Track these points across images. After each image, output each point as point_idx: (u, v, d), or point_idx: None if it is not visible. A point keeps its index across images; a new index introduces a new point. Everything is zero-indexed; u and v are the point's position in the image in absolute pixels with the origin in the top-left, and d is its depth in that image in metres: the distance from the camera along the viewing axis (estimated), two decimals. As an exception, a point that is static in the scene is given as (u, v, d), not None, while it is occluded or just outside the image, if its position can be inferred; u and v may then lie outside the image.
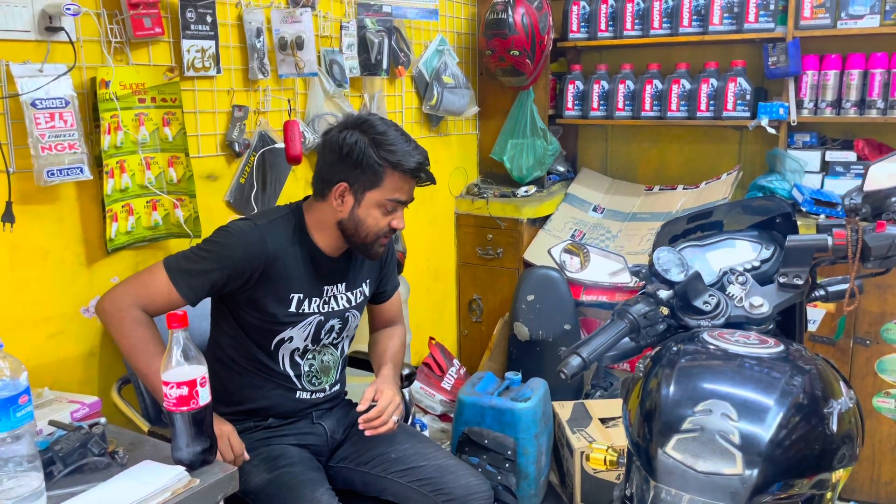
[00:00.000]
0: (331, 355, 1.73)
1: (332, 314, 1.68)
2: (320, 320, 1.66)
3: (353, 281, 1.72)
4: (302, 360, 1.68)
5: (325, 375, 1.73)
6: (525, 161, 3.06)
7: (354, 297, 1.73)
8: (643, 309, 1.28)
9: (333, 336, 1.72)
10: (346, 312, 1.71)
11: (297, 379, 1.68)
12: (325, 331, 1.68)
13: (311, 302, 1.64)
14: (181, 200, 1.84)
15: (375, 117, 1.62)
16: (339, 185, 1.58)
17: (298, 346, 1.65)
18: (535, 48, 2.83)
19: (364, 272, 1.76)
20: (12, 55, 1.51)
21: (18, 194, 1.54)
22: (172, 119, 1.80)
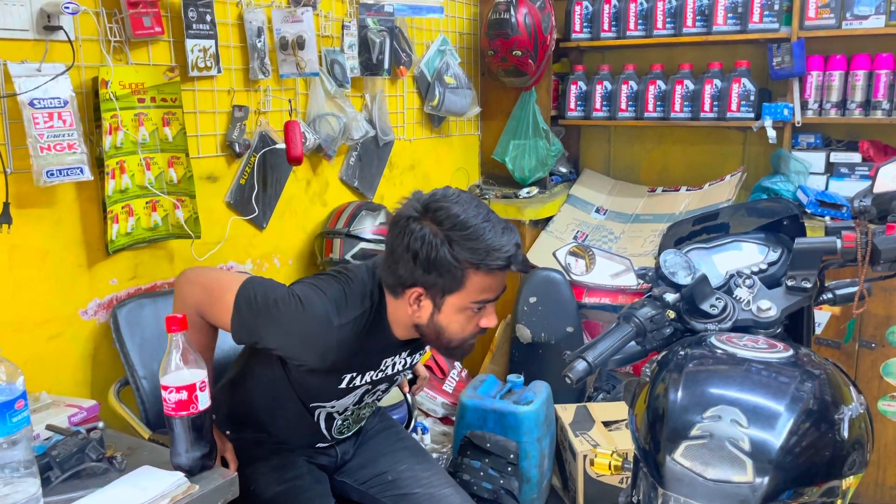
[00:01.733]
0: (368, 409, 1.62)
1: (383, 380, 1.54)
2: (368, 389, 1.52)
3: (418, 345, 1.53)
4: (339, 417, 1.56)
5: (357, 424, 1.64)
6: (527, 162, 3.05)
7: (412, 360, 1.57)
8: (650, 312, 1.26)
9: (378, 396, 1.59)
10: (398, 375, 1.57)
11: (326, 431, 1.57)
12: (370, 394, 1.56)
13: (364, 376, 1.48)
14: (181, 201, 1.82)
15: (451, 196, 1.32)
16: (413, 289, 1.33)
17: (339, 409, 1.54)
18: (537, 48, 2.81)
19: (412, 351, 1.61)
20: (10, 54, 1.50)
21: (16, 195, 1.53)
22: (172, 119, 1.79)
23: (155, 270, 1.85)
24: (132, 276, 1.80)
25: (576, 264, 1.41)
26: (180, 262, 1.91)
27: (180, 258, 1.91)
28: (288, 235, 2.27)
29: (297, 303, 1.35)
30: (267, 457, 1.55)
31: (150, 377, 1.68)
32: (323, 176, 2.38)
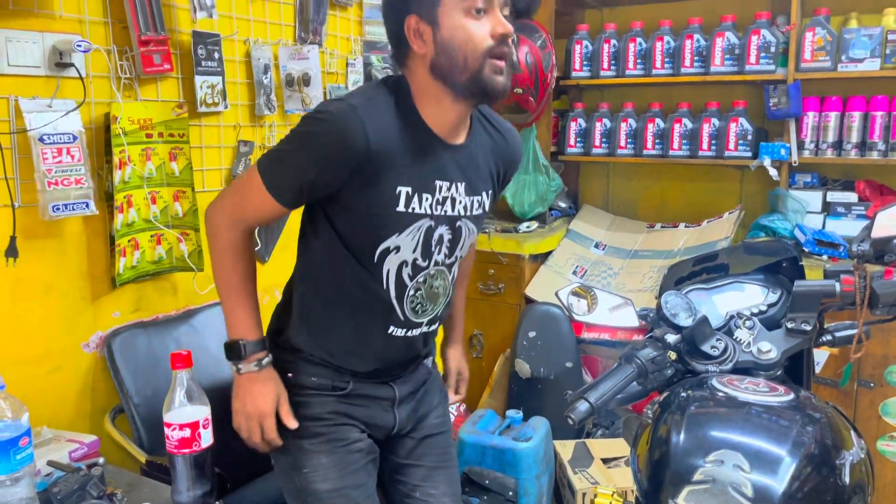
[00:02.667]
0: (442, 280, 1.41)
1: (443, 219, 1.35)
2: (430, 226, 1.34)
3: (473, 183, 1.38)
4: (411, 282, 1.36)
5: (432, 303, 1.42)
6: (527, 197, 3.07)
7: (471, 205, 1.39)
8: (651, 354, 1.27)
9: (444, 251, 1.39)
10: (458, 221, 1.37)
11: (397, 302, 1.36)
12: (434, 241, 1.36)
13: (423, 200, 1.31)
14: (185, 234, 1.84)
15: None
16: (408, 21, 1.26)
17: (407, 259, 1.34)
18: (538, 86, 2.85)
19: (485, 176, 1.43)
20: (21, 90, 1.52)
21: (22, 228, 1.54)
22: (179, 154, 1.81)
23: (157, 303, 1.86)
24: (135, 308, 1.81)
25: (578, 304, 1.42)
26: (182, 295, 1.92)
27: (182, 291, 1.92)
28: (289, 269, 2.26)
29: (308, 119, 1.27)
30: (321, 434, 1.39)
31: (144, 403, 1.68)
32: (325, 209, 2.40)
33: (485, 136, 1.42)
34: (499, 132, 1.46)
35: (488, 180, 1.43)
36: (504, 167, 1.48)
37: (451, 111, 1.30)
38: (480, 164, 1.40)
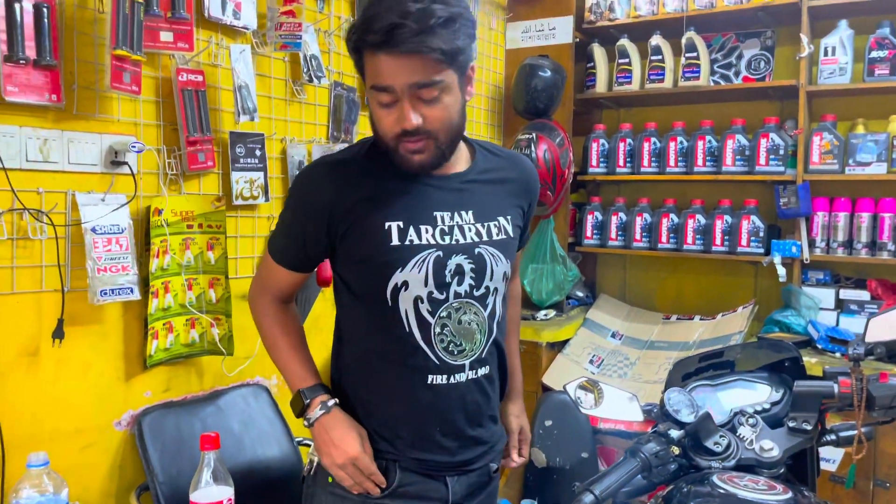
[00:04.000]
0: (474, 315, 1.33)
1: (456, 248, 1.30)
2: (438, 256, 1.29)
3: (484, 209, 1.35)
4: (433, 318, 1.30)
5: (468, 341, 1.33)
6: (545, 285, 3.16)
7: (487, 231, 1.35)
8: (654, 448, 1.32)
9: (469, 282, 1.32)
10: (475, 248, 1.32)
11: (425, 343, 1.30)
12: (450, 272, 1.30)
13: (421, 231, 1.29)
14: (217, 320, 1.94)
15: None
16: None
17: (420, 295, 1.28)
18: (555, 181, 2.99)
19: (499, 201, 1.38)
20: (79, 185, 1.67)
21: (70, 312, 1.66)
22: (216, 244, 1.94)
23: (187, 384, 1.95)
24: (165, 388, 1.90)
25: (585, 398, 1.49)
26: (209, 377, 2.01)
27: (210, 373, 2.01)
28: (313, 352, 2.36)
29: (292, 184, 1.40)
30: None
31: (169, 482, 1.74)
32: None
33: (490, 162, 1.40)
34: (503, 158, 1.44)
35: (505, 205, 1.39)
36: (523, 189, 1.44)
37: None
38: (490, 189, 1.37)
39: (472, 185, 1.35)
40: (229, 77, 1.99)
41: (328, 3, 2.34)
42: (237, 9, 1.98)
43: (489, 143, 1.45)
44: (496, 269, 1.35)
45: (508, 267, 1.39)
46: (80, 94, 1.65)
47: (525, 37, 3.22)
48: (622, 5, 3.12)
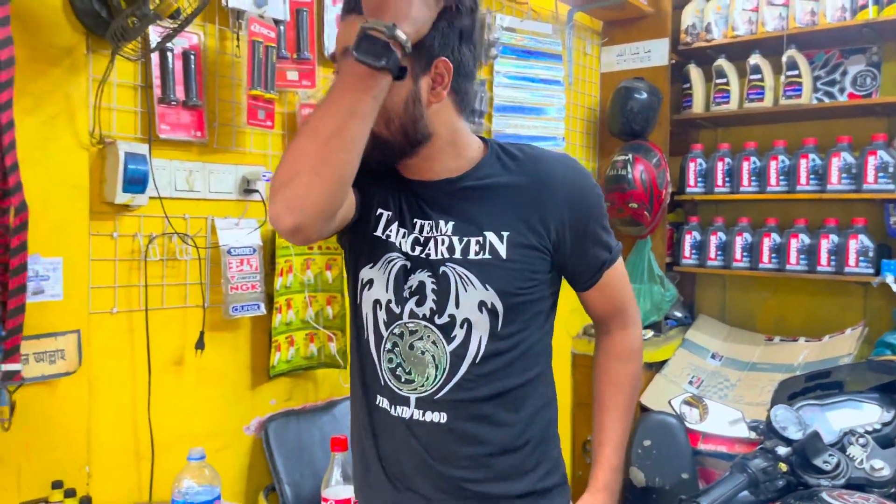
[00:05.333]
0: (432, 344, 1.12)
1: (422, 263, 1.13)
2: (403, 266, 1.13)
3: (469, 222, 1.13)
4: (386, 330, 1.14)
5: (418, 374, 1.13)
6: (642, 305, 3.17)
7: (462, 247, 1.12)
8: (762, 464, 1.35)
9: (430, 305, 1.12)
10: (441, 266, 1.12)
11: (376, 352, 1.16)
12: (409, 287, 1.12)
13: (400, 233, 1.15)
14: (334, 335, 2.09)
15: None
16: None
17: (380, 299, 1.14)
18: (652, 201, 3.02)
19: (495, 215, 1.13)
20: (217, 212, 1.86)
21: (209, 325, 1.84)
22: (333, 264, 2.10)
23: (306, 394, 2.11)
24: (288, 398, 2.06)
25: (690, 413, 1.53)
26: (326, 388, 2.16)
27: (327, 384, 2.16)
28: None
29: None
30: None
31: (293, 484, 1.90)
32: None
33: (496, 166, 1.16)
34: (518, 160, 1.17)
35: (503, 218, 1.13)
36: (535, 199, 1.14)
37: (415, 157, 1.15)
38: (483, 197, 1.14)
39: (462, 192, 1.14)
40: (345, 110, 2.15)
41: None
42: (352, 47, 2.15)
43: (516, 144, 1.20)
44: (463, 295, 1.11)
45: (494, 297, 1.10)
46: (219, 129, 1.85)
47: (620, 60, 3.28)
48: (719, 26, 3.13)
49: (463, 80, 1.12)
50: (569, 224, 1.14)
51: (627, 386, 1.26)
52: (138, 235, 1.70)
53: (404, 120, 1.09)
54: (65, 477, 1.52)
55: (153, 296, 1.74)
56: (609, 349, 1.28)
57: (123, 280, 1.68)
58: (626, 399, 1.25)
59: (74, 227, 1.56)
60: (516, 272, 1.12)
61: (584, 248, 1.17)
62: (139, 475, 1.72)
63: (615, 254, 1.22)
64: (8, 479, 1.48)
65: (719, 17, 3.12)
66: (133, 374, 1.71)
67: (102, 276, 1.64)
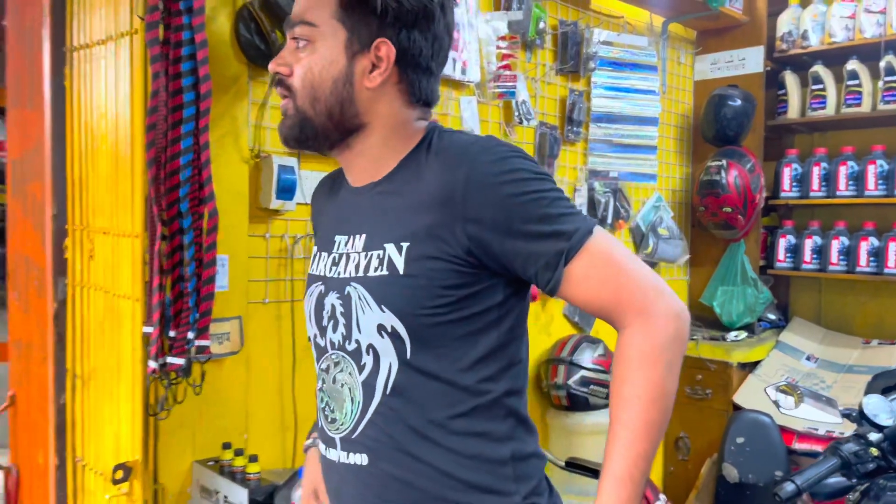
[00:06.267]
0: (348, 375, 1.01)
1: (334, 283, 1.02)
2: (321, 292, 1.05)
3: (376, 234, 1.00)
4: (318, 367, 1.07)
5: (339, 409, 1.02)
6: (735, 307, 3.25)
7: (366, 264, 0.99)
8: (853, 448, 1.47)
9: (340, 331, 1.01)
10: (346, 285, 1.00)
11: (318, 400, 1.08)
12: (326, 313, 1.03)
13: (321, 259, 1.07)
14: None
15: None
16: None
17: (310, 335, 1.09)
18: (746, 206, 3.09)
19: (395, 219, 0.99)
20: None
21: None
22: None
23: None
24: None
25: (785, 400, 1.65)
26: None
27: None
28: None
29: None
30: None
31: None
32: (549, 311, 2.79)
33: (414, 162, 1.01)
34: (439, 154, 0.99)
35: (403, 225, 0.98)
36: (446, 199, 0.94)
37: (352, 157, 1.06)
38: (392, 203, 1.00)
39: (377, 198, 1.02)
40: (458, 123, 2.37)
41: (535, 54, 2.67)
42: (464, 66, 2.37)
43: (448, 133, 1.03)
44: (361, 317, 0.98)
45: (392, 319, 0.95)
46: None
47: (714, 68, 3.37)
48: (816, 33, 3.17)
49: (413, 69, 1.00)
50: (487, 223, 0.93)
51: (634, 399, 0.92)
52: (286, 236, 1.96)
53: (330, 100, 0.99)
54: (229, 441, 1.79)
55: (297, 289, 1.99)
56: (617, 352, 0.96)
57: (273, 275, 1.94)
58: (634, 416, 0.92)
59: (238, 229, 1.83)
60: (419, 289, 0.94)
61: (518, 246, 0.93)
62: (284, 444, 1.97)
63: (578, 237, 0.93)
64: (185, 441, 1.76)
65: (815, 24, 3.17)
66: (280, 356, 1.97)
67: (257, 271, 1.91)
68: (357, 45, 0.98)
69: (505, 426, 1.00)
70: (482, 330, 0.97)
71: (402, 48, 0.99)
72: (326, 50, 0.99)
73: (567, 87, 2.82)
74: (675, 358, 0.94)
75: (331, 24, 0.98)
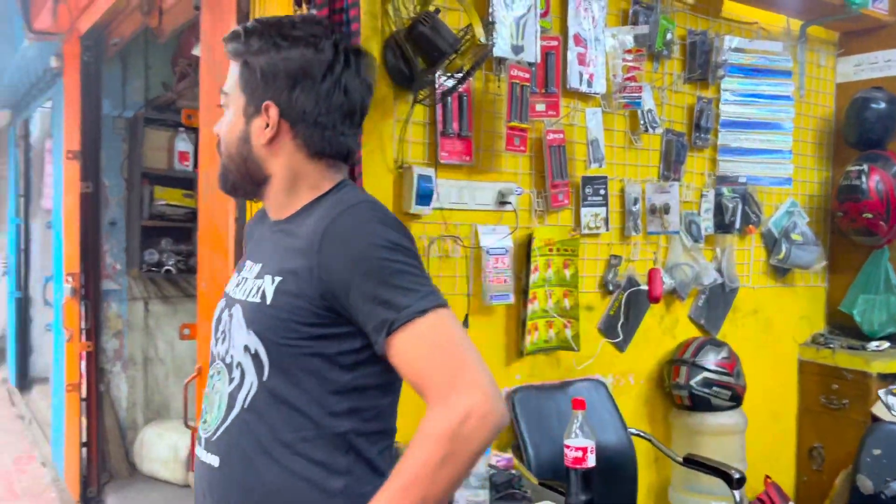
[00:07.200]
0: (221, 383, 1.15)
1: (229, 301, 1.19)
2: (222, 306, 1.21)
3: (267, 265, 1.15)
4: (210, 372, 1.22)
5: (209, 413, 1.16)
6: (877, 316, 3.14)
7: (250, 289, 1.14)
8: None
9: (224, 344, 1.16)
10: (234, 305, 1.16)
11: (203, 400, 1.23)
12: (220, 326, 1.20)
13: (233, 278, 1.23)
14: (569, 322, 2.47)
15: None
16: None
17: (211, 344, 1.24)
18: (889, 212, 2.99)
19: (279, 256, 1.14)
20: (479, 220, 2.32)
21: (472, 310, 2.31)
22: (570, 264, 2.47)
23: (544, 372, 2.50)
24: (530, 374, 2.47)
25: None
26: (561, 370, 2.54)
27: (563, 366, 2.54)
28: (642, 359, 2.78)
29: None
30: None
31: (534, 444, 2.28)
32: (674, 313, 2.87)
33: (305, 216, 1.16)
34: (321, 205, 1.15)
35: (282, 263, 1.12)
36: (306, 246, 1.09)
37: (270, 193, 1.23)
38: (280, 240, 1.16)
39: (276, 234, 1.19)
40: (583, 133, 2.52)
41: (662, 64, 2.76)
42: (590, 79, 2.52)
43: (345, 190, 1.18)
44: (237, 336, 1.12)
45: (256, 341, 1.09)
46: (483, 154, 2.31)
47: (858, 70, 3.27)
48: (972, 29, 3.01)
49: (302, 125, 1.14)
50: (335, 276, 1.05)
51: (404, 470, 0.99)
52: (423, 237, 2.21)
53: (235, 156, 1.18)
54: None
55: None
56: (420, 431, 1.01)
57: (412, 271, 2.20)
58: (395, 485, 0.99)
59: (382, 230, 2.10)
60: (280, 320, 1.08)
61: (358, 304, 1.04)
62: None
63: (406, 313, 1.01)
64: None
65: (971, 20, 3.01)
66: (417, 344, 2.22)
67: (398, 267, 2.17)
68: (252, 109, 1.15)
69: (344, 461, 1.08)
70: (333, 370, 1.08)
71: (286, 107, 1.13)
72: (232, 114, 1.18)
73: (695, 94, 2.88)
74: (458, 455, 0.97)
75: (236, 92, 1.17)
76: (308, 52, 1.13)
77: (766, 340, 3.14)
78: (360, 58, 1.19)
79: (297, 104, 1.13)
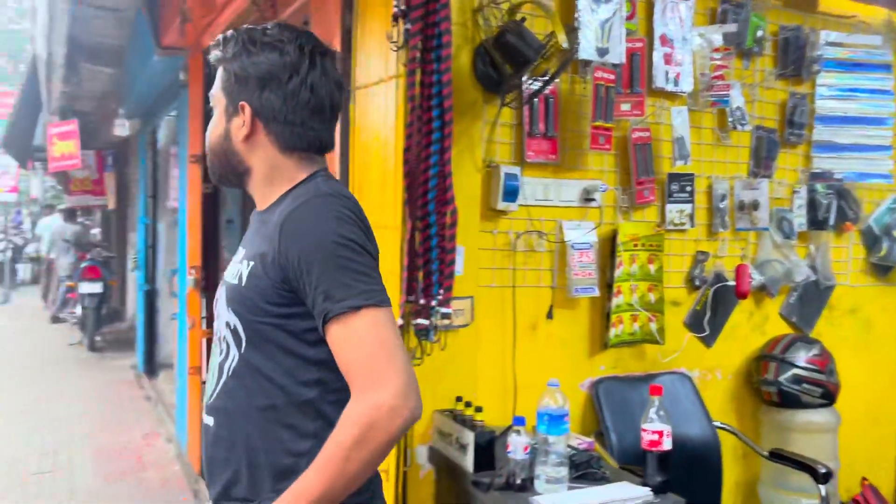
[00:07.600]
0: (218, 354, 1.32)
1: (223, 283, 1.35)
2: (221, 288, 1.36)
3: (248, 249, 1.31)
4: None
5: (209, 382, 1.34)
6: None
7: (234, 271, 1.31)
8: None
9: (217, 321, 1.35)
10: (222, 287, 1.34)
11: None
12: (217, 304, 1.36)
13: (231, 263, 1.36)
14: (654, 316, 2.53)
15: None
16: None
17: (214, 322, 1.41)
18: None
19: (257, 243, 1.29)
20: (564, 216, 2.43)
21: (556, 301, 2.42)
22: (655, 259, 2.54)
23: (628, 364, 2.58)
24: (614, 366, 2.55)
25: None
26: (646, 362, 2.60)
27: (647, 359, 2.61)
28: (729, 355, 2.80)
29: None
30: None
31: (617, 433, 2.38)
32: (764, 310, 2.86)
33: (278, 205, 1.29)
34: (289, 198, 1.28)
35: (256, 249, 1.27)
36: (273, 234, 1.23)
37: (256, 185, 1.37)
38: (257, 233, 1.31)
39: (259, 222, 1.33)
40: (669, 131, 2.58)
41: (753, 61, 2.77)
42: (676, 78, 2.57)
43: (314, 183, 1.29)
44: (222, 314, 1.31)
45: (235, 320, 1.26)
46: (568, 153, 2.42)
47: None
48: None
49: (272, 122, 1.28)
50: (291, 261, 1.18)
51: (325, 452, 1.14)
52: (510, 232, 2.34)
53: (218, 151, 1.34)
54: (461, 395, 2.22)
55: (518, 277, 2.37)
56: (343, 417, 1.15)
57: (499, 264, 2.34)
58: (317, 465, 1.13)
59: (471, 225, 2.25)
60: (250, 300, 1.23)
61: (306, 290, 1.18)
62: (504, 407, 2.35)
63: (341, 307, 1.14)
64: (428, 394, 2.18)
65: None
66: (503, 332, 2.35)
67: (485, 260, 2.31)
68: (231, 109, 1.31)
69: (312, 426, 1.23)
70: (301, 344, 1.23)
71: (258, 107, 1.28)
72: (216, 115, 1.34)
73: (787, 90, 2.86)
74: (370, 440, 1.10)
75: (219, 94, 1.33)
76: (273, 56, 1.26)
77: (866, 340, 3.07)
78: (325, 58, 1.31)
79: (267, 104, 1.27)
